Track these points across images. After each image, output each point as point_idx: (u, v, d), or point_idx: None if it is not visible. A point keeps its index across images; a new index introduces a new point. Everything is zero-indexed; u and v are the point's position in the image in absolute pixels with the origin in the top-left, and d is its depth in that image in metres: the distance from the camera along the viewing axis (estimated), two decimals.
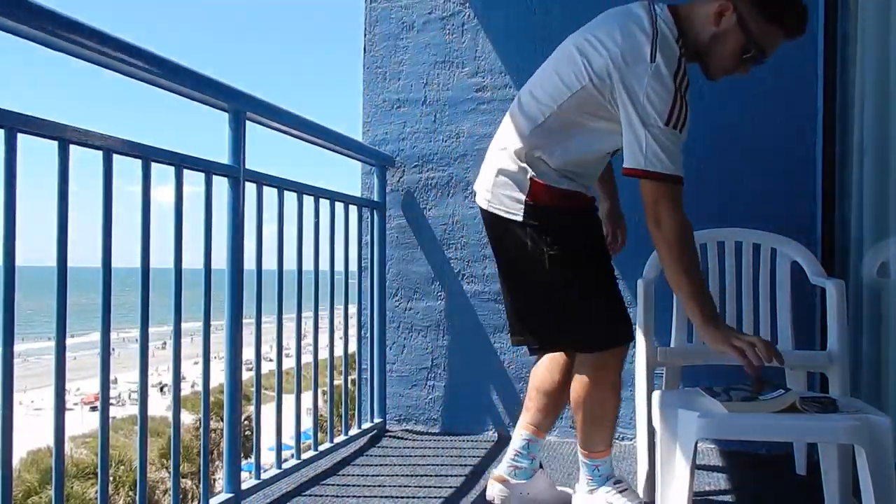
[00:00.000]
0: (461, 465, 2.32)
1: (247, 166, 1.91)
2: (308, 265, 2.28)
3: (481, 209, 1.78)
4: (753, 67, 1.61)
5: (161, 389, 31.63)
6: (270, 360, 2.57)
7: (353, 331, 2.74)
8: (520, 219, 1.67)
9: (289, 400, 2.24)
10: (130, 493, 14.45)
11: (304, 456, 2.27)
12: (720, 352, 1.48)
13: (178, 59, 1.63)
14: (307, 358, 2.34)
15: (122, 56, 1.49)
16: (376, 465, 2.33)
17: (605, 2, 2.60)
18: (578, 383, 1.75)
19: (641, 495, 1.85)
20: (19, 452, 16.59)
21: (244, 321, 1.92)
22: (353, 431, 2.60)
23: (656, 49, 1.50)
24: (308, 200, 2.28)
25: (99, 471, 1.51)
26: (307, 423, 2.34)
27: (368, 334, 2.74)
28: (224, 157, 1.87)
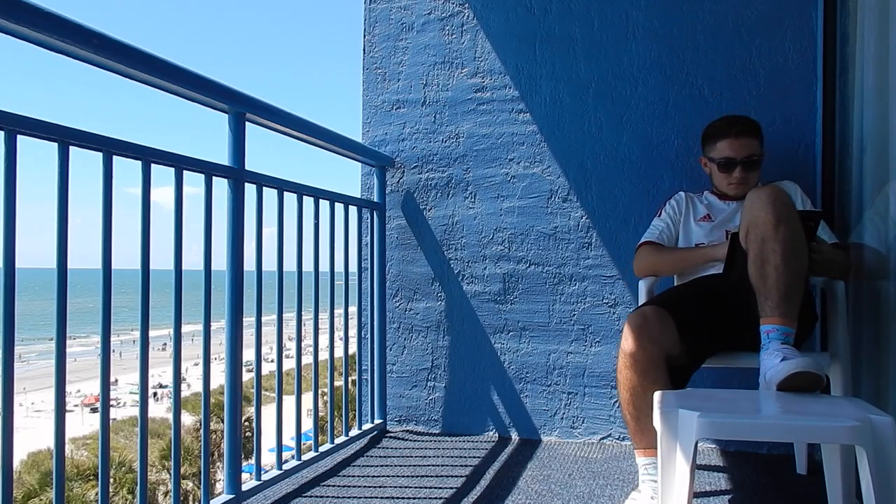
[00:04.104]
0: (462, 466, 2.32)
1: (247, 167, 1.91)
2: (308, 266, 2.28)
3: None
4: (735, 172, 2.10)
5: (154, 395, 31.43)
6: (271, 362, 2.57)
7: (353, 332, 2.74)
8: None
9: (289, 401, 2.24)
10: (128, 496, 14.43)
11: (305, 457, 2.27)
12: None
13: (179, 61, 1.63)
14: (307, 359, 2.34)
15: (123, 58, 1.49)
16: (377, 466, 2.33)
17: (604, 3, 2.64)
18: None
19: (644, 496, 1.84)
20: (20, 454, 16.58)
21: (244, 322, 1.92)
22: (354, 432, 2.60)
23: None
24: (308, 201, 2.28)
25: (100, 472, 1.51)
26: (307, 424, 2.34)
27: (368, 335, 2.74)
28: (224, 159, 1.88)
